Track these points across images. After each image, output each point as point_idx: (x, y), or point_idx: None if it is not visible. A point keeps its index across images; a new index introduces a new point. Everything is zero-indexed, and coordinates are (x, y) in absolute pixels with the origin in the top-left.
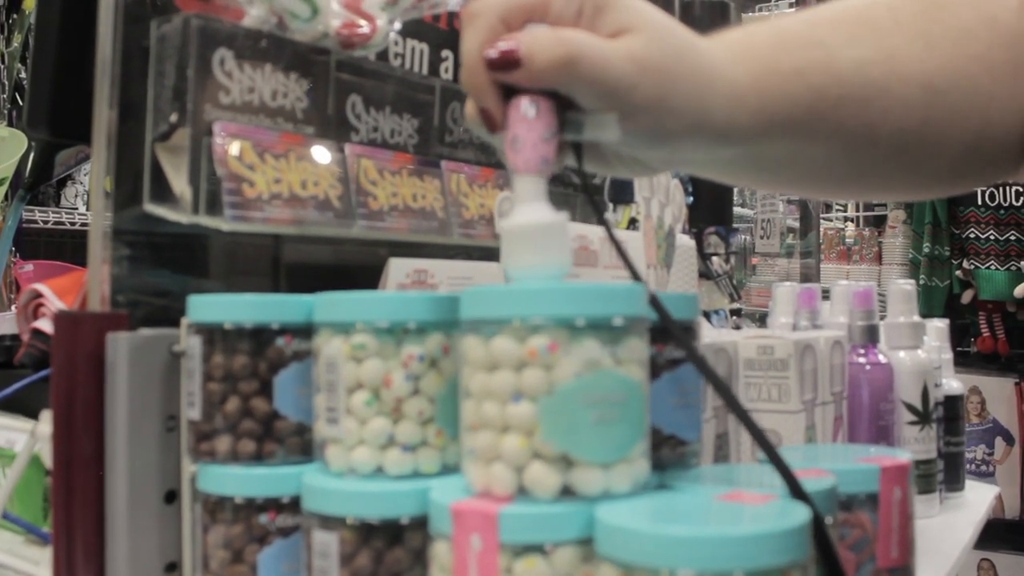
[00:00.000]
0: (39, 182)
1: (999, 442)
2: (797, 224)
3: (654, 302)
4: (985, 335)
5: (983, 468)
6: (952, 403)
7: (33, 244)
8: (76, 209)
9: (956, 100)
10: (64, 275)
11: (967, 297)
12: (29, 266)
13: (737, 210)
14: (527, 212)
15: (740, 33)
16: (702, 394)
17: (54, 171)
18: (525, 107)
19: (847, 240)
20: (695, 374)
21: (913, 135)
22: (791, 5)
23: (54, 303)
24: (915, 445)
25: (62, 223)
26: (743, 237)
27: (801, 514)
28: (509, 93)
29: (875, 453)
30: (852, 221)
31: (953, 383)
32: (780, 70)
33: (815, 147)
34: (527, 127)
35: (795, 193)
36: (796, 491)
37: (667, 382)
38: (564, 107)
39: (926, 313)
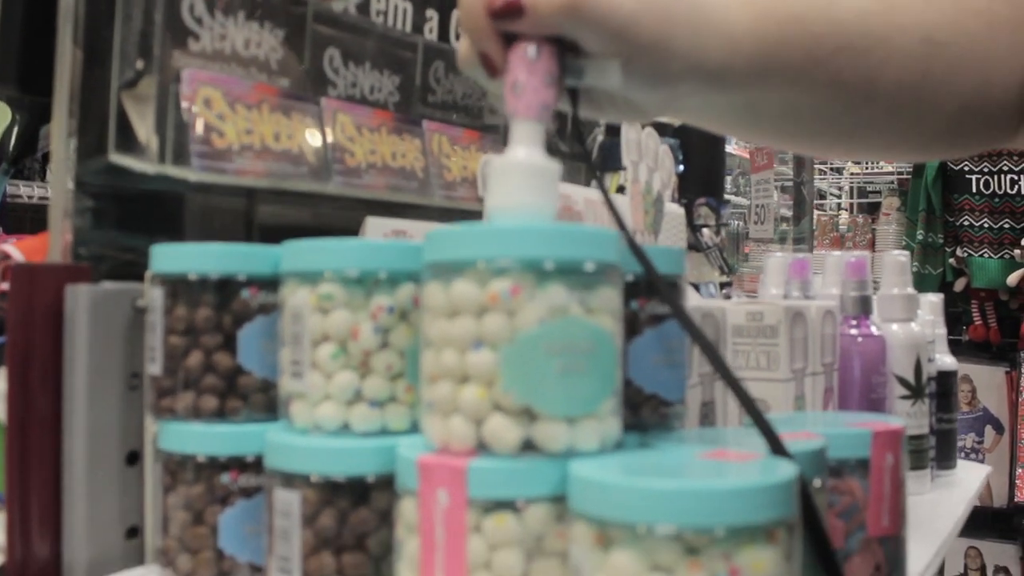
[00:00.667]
0: (23, 155)
1: (989, 430)
2: (791, 211)
3: (635, 250)
4: (977, 323)
5: (973, 456)
6: (945, 379)
7: (18, 219)
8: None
9: (955, 54)
10: (32, 237)
11: (960, 285)
12: (12, 240)
13: (731, 197)
14: (522, 153)
15: None
16: (687, 355)
17: (39, 144)
18: (527, 52)
19: (840, 227)
20: (680, 332)
21: (911, 89)
22: None
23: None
24: (907, 420)
25: (47, 198)
26: (736, 223)
27: (787, 470)
28: (510, 37)
29: (866, 419)
30: (846, 208)
31: (946, 359)
32: (778, 15)
33: (812, 98)
34: (529, 71)
35: (791, 148)
36: (776, 447)
37: (650, 339)
38: (565, 52)
39: None
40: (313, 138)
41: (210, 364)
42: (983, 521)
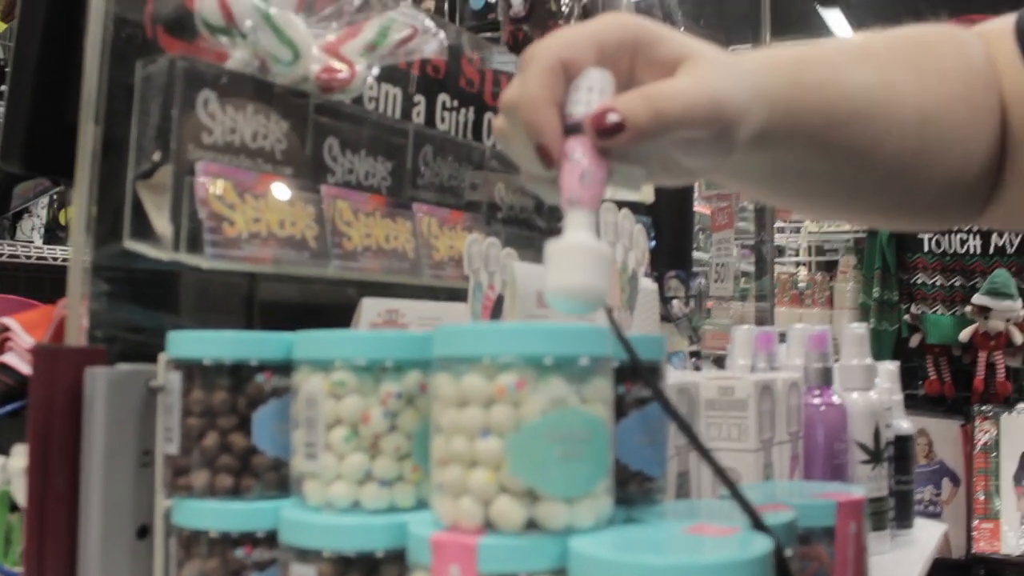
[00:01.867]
0: None
1: (946, 483)
2: (752, 268)
3: (624, 344)
4: (932, 378)
5: (931, 508)
6: (902, 443)
7: None
8: (32, 243)
9: (944, 130)
10: (30, 310)
11: (915, 341)
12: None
13: (696, 255)
14: (586, 237)
15: (761, 53)
16: (667, 433)
17: (11, 203)
18: (591, 147)
19: (799, 284)
20: (661, 413)
21: (908, 159)
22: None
23: (22, 337)
24: (868, 483)
25: (17, 256)
26: (699, 281)
27: (762, 544)
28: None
29: (831, 489)
30: (805, 266)
31: (903, 423)
32: (802, 83)
33: (827, 161)
34: (597, 165)
35: (803, 207)
36: (756, 523)
37: (635, 420)
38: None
39: (876, 356)
40: (314, 224)
41: (226, 444)
42: (942, 572)
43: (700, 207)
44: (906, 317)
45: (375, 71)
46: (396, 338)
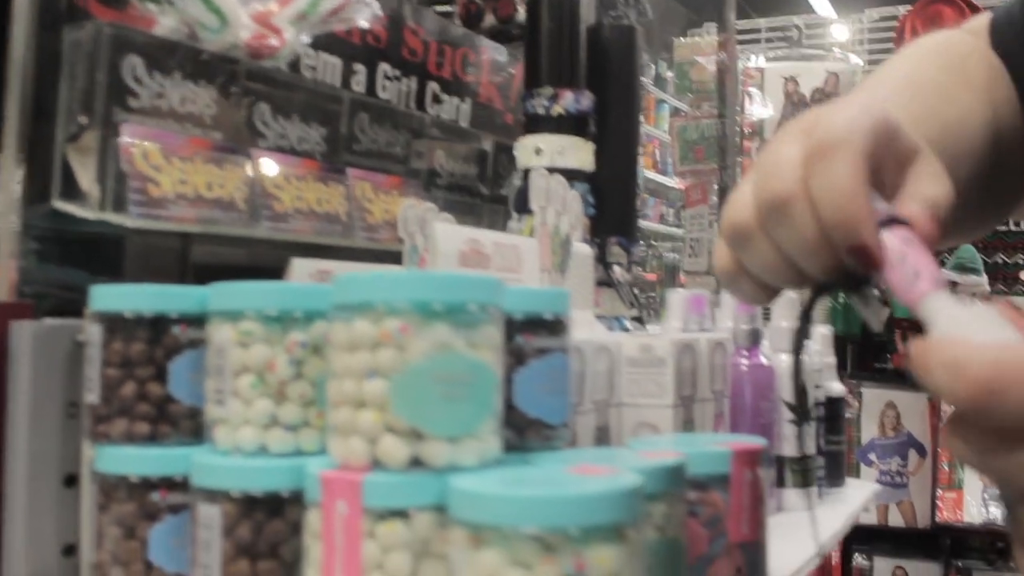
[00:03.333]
0: None
1: (912, 454)
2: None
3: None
4: (901, 351)
5: (898, 480)
6: (833, 404)
7: None
8: None
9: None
10: None
11: (884, 315)
12: None
13: (668, 229)
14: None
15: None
16: (572, 384)
17: None
18: (908, 235)
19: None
20: (563, 363)
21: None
22: (718, 32)
23: None
24: (794, 442)
25: None
26: (674, 256)
27: (633, 480)
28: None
29: (734, 440)
30: None
31: (834, 385)
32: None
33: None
34: (919, 250)
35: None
36: None
37: (535, 369)
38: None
39: (845, 330)
40: (243, 187)
41: (143, 393)
42: (908, 541)
43: (679, 183)
44: (875, 292)
45: (305, 39)
46: (303, 289)
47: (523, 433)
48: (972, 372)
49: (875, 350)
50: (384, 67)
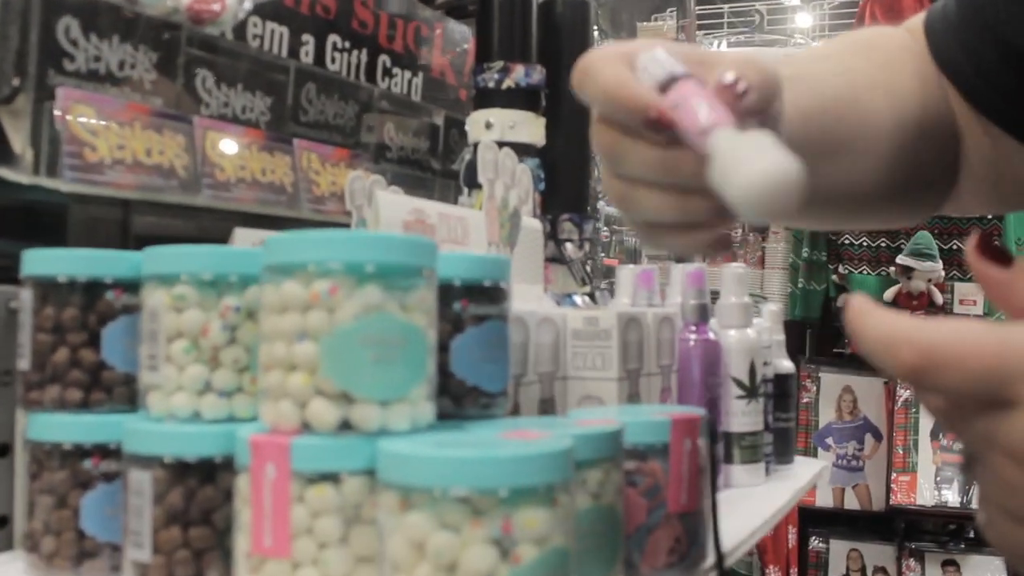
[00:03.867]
0: None
1: (868, 438)
2: None
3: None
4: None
5: (854, 463)
6: (783, 381)
7: None
8: None
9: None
10: None
11: (842, 300)
12: None
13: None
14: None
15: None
16: (511, 351)
17: None
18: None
19: (733, 244)
20: (502, 331)
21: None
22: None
23: None
24: (742, 418)
25: None
26: (634, 241)
27: (562, 441)
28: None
29: (674, 411)
30: (740, 226)
31: (784, 362)
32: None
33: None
34: (703, 95)
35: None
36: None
37: (472, 336)
38: None
39: (804, 314)
40: (183, 154)
41: (76, 360)
42: (863, 524)
43: None
44: (833, 277)
45: (247, 5)
46: (237, 254)
47: (460, 401)
48: (904, 355)
49: (833, 335)
50: (334, 38)
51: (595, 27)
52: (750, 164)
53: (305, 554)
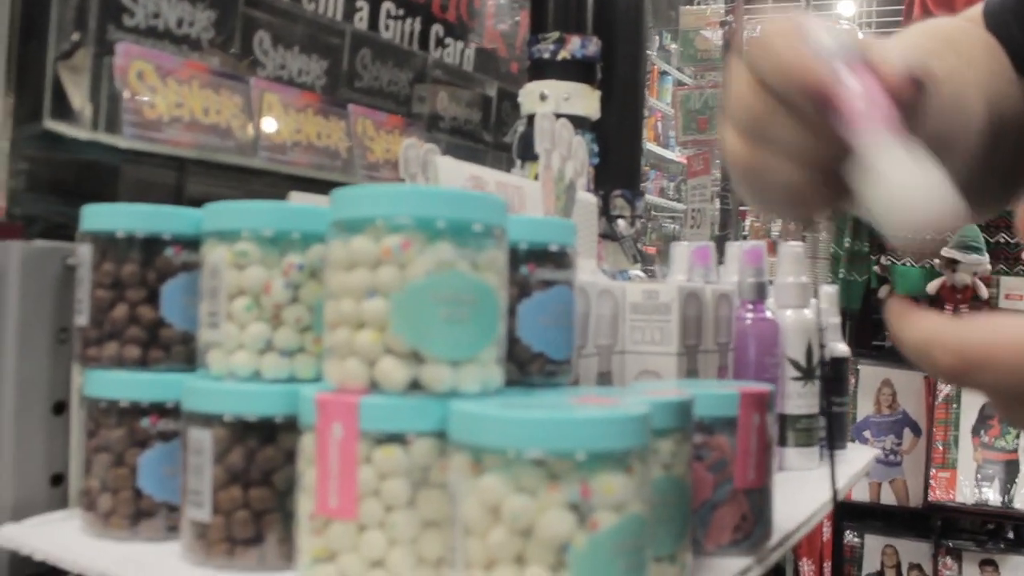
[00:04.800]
0: None
1: (907, 433)
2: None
3: None
4: None
5: (892, 458)
6: (838, 364)
7: None
8: None
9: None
10: None
11: (884, 292)
12: None
13: (668, 203)
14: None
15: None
16: (576, 319)
17: None
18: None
19: (773, 233)
20: (569, 296)
21: None
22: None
23: None
24: (798, 400)
25: None
26: (674, 227)
27: (640, 407)
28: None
29: (740, 384)
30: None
31: (839, 346)
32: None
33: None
34: (879, 88)
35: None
36: None
37: (538, 302)
38: None
39: (845, 306)
40: (241, 115)
41: (134, 316)
42: (899, 520)
43: (679, 156)
44: (876, 268)
45: None
46: (301, 211)
47: (526, 367)
48: (940, 358)
49: (873, 327)
50: (387, 5)
51: None
52: (902, 186)
53: (372, 516)
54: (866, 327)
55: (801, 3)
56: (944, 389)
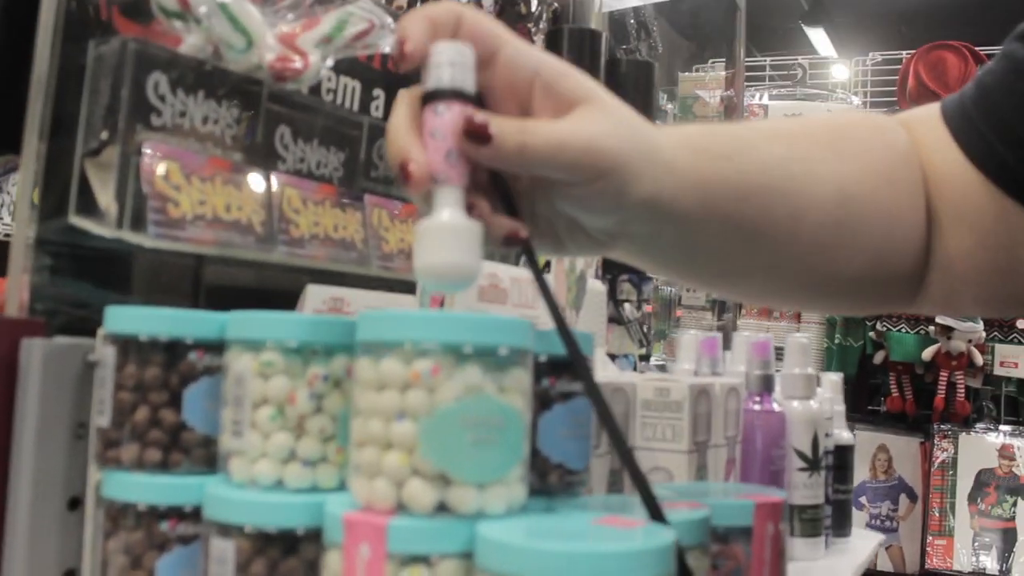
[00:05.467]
0: None
1: (903, 499)
2: None
3: (566, 336)
4: (895, 395)
5: (888, 524)
6: (842, 453)
7: None
8: (0, 219)
9: (865, 205)
10: None
11: (879, 358)
12: None
13: None
14: (448, 215)
15: (671, 127)
16: (593, 427)
17: None
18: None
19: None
20: (587, 407)
21: (829, 234)
22: (725, 67)
23: None
24: (804, 491)
25: None
26: (669, 289)
27: (666, 535)
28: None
29: (753, 491)
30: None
31: (844, 434)
32: (712, 153)
33: (744, 240)
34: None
35: (721, 289)
36: (655, 515)
37: (559, 413)
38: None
39: (840, 370)
40: (261, 210)
41: (156, 419)
42: None
43: None
44: (871, 334)
45: (329, 63)
46: (326, 322)
47: (545, 478)
48: None
49: (869, 392)
50: None
51: None
52: (425, 255)
53: None
54: (861, 392)
55: (797, 72)
56: (940, 456)
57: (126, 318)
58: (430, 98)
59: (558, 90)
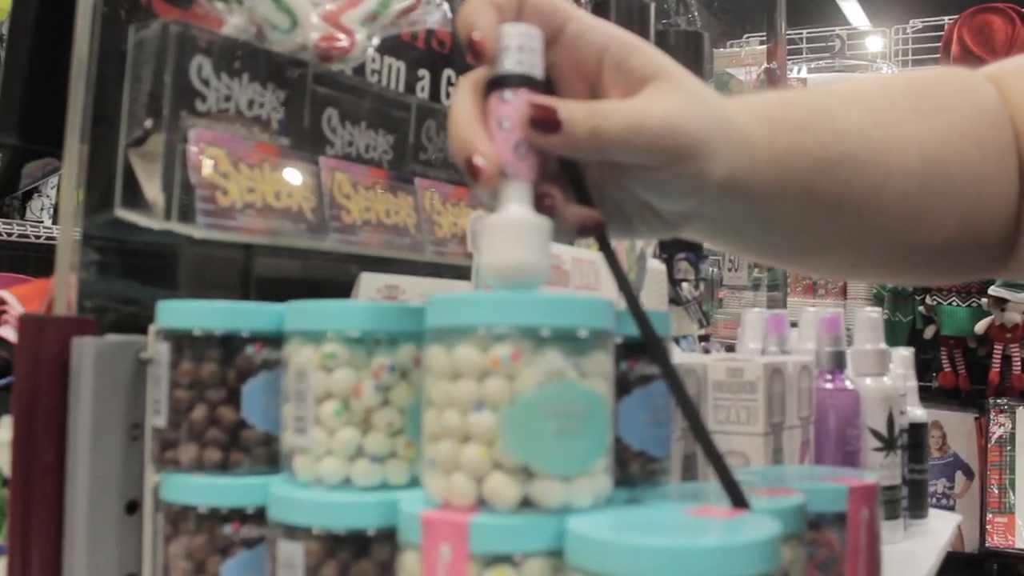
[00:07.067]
0: (4, 193)
1: (959, 476)
2: None
3: (638, 314)
4: (946, 370)
5: (944, 502)
6: (917, 431)
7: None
8: (41, 223)
9: (950, 170)
10: (26, 284)
11: (929, 332)
12: None
13: (707, 245)
14: (515, 211)
15: (743, 97)
16: (673, 412)
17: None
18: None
19: (813, 275)
20: (665, 391)
21: (913, 201)
22: (761, 42)
23: (17, 309)
24: (880, 471)
25: (26, 236)
26: (711, 269)
27: (771, 527)
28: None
29: (842, 474)
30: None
31: (918, 411)
32: (788, 124)
33: (825, 212)
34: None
35: (799, 265)
36: (738, 501)
37: (638, 398)
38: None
39: (890, 346)
40: (311, 196)
41: (214, 417)
42: (955, 566)
43: None
44: (920, 308)
45: (375, 41)
46: (390, 309)
47: (627, 467)
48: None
49: (920, 368)
50: (448, 72)
51: None
52: (492, 254)
53: None
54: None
55: (835, 44)
56: (996, 431)
57: (179, 312)
58: (496, 84)
59: (629, 66)
